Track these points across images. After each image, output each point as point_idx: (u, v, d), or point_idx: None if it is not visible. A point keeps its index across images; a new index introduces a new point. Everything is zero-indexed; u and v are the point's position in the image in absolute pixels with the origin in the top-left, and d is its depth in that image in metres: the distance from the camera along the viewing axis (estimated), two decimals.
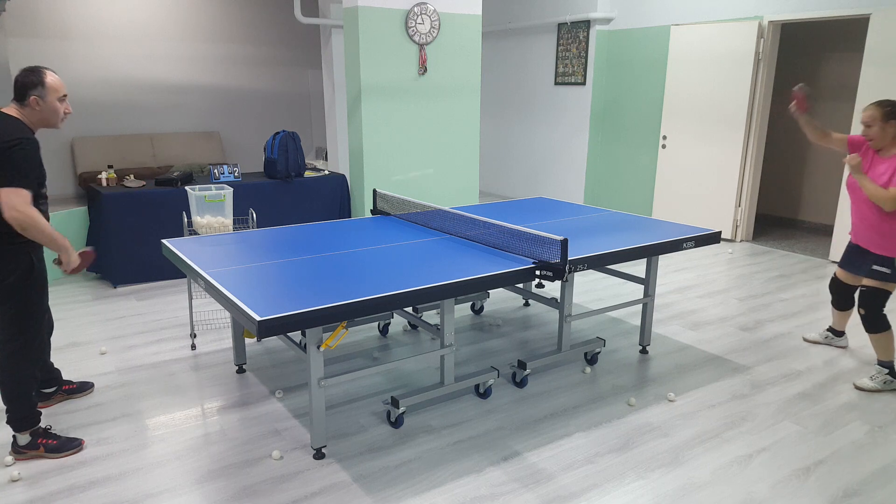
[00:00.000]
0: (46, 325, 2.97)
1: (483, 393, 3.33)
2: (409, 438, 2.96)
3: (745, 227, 6.79)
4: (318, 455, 2.79)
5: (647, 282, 3.80)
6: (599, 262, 3.16)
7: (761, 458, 2.82)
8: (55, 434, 2.85)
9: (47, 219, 2.82)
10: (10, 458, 2.73)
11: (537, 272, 2.93)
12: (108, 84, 8.92)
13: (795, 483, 2.65)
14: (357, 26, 5.15)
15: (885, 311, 3.45)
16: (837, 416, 3.20)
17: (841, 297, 3.90)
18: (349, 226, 3.79)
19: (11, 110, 2.66)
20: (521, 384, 3.46)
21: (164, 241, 3.36)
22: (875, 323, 3.45)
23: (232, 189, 4.08)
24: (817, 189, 7.48)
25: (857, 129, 5.72)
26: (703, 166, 6.86)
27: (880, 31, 5.49)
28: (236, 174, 5.55)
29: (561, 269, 2.85)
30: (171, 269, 5.29)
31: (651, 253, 3.41)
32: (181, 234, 5.05)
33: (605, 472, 2.70)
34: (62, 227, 5.12)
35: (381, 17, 5.21)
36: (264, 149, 5.78)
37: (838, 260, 5.87)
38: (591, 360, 3.76)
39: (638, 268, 5.72)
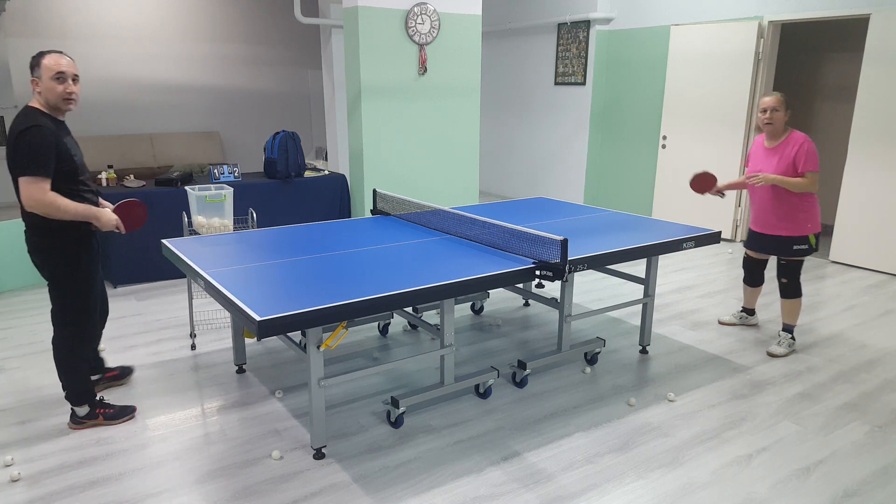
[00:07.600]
0: (100, 312, 3.12)
1: (483, 393, 3.33)
2: (409, 438, 2.96)
3: (745, 227, 6.79)
4: (318, 455, 2.79)
5: (647, 282, 3.81)
6: (599, 262, 3.16)
7: (761, 458, 2.82)
8: (110, 403, 3.05)
9: (95, 205, 2.89)
10: (9, 458, 2.74)
11: (537, 272, 2.93)
12: (108, 84, 8.92)
13: (795, 483, 2.65)
14: (357, 26, 5.15)
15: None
16: (837, 416, 3.20)
17: (754, 273, 4.22)
18: (349, 226, 3.79)
19: (33, 101, 2.74)
20: (521, 384, 3.46)
21: (164, 241, 3.35)
22: (793, 289, 3.89)
23: (232, 189, 4.08)
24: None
25: (857, 129, 5.72)
26: (704, 166, 6.86)
27: (880, 31, 5.49)
28: (236, 174, 5.55)
29: (561, 269, 2.85)
30: (171, 269, 5.29)
31: (651, 253, 3.41)
32: (181, 234, 5.05)
33: (605, 472, 2.70)
34: None
35: (381, 17, 5.21)
36: (264, 149, 5.79)
37: (838, 260, 5.96)
38: (591, 360, 3.76)
39: (638, 268, 5.72)
